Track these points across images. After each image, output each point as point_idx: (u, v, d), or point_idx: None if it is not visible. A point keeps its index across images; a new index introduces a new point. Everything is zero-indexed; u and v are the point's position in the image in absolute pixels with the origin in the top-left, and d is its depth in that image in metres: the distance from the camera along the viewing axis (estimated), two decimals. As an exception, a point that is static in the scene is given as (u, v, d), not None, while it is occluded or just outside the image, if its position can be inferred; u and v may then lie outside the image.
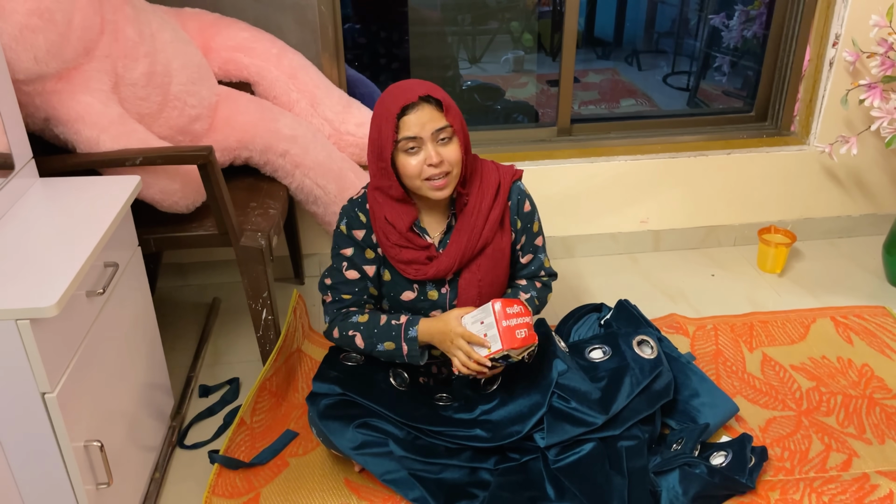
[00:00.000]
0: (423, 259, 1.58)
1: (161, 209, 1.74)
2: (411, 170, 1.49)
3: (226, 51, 2.07)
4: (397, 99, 1.47)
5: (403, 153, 1.49)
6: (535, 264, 1.72)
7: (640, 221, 2.54)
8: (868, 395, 1.88)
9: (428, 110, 1.47)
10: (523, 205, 1.66)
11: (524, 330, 1.49)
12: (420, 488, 1.52)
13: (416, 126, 1.46)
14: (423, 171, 1.49)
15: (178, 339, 2.14)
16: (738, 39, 3.08)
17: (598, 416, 1.56)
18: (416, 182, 1.51)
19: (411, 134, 1.46)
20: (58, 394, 1.20)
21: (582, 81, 3.56)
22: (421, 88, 1.48)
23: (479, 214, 1.59)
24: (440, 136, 1.48)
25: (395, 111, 1.46)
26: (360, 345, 1.59)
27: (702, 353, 2.04)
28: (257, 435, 1.76)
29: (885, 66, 2.19)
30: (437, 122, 1.47)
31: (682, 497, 1.53)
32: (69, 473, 1.27)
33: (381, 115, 1.49)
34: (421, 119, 1.46)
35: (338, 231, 1.62)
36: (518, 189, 1.66)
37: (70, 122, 1.58)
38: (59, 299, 1.14)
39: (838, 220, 2.63)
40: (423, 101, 1.47)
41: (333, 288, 1.63)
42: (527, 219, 1.67)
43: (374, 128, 1.51)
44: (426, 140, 1.47)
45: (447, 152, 1.49)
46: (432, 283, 1.62)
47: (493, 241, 1.62)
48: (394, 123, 1.46)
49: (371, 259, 1.61)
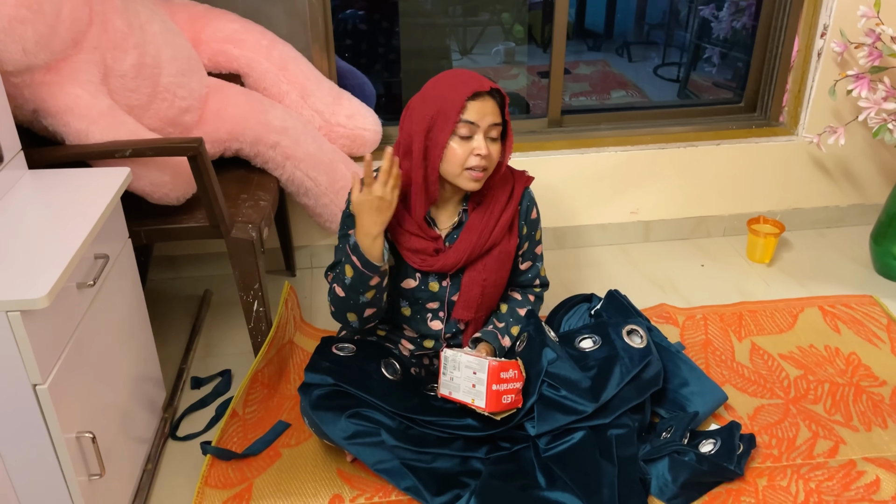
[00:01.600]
0: (430, 250, 1.60)
1: (151, 201, 1.73)
2: (458, 156, 1.51)
3: (215, 42, 2.06)
4: (468, 83, 1.49)
5: (456, 138, 1.50)
6: (532, 272, 1.76)
7: (631, 212, 2.55)
8: (855, 384, 1.90)
9: (492, 104, 1.51)
10: (531, 212, 1.70)
11: (511, 396, 1.57)
12: (412, 477, 1.53)
13: (478, 114, 1.49)
14: (468, 160, 1.51)
15: (169, 332, 2.14)
16: (727, 31, 3.09)
17: (588, 405, 1.57)
18: (458, 170, 1.52)
19: (473, 119, 1.49)
20: (49, 385, 1.20)
21: (573, 73, 3.56)
22: (491, 83, 1.51)
23: (491, 215, 1.62)
24: (492, 132, 1.52)
25: (467, 94, 1.48)
26: (341, 293, 1.58)
27: (691, 342, 2.05)
28: (249, 426, 1.77)
29: (872, 56, 2.20)
30: (496, 116, 1.51)
31: (672, 484, 1.55)
32: (61, 465, 1.27)
33: (446, 96, 1.49)
34: (486, 110, 1.50)
35: (347, 213, 1.62)
36: (529, 195, 1.70)
37: (59, 114, 1.57)
38: (49, 291, 1.14)
39: (826, 211, 2.65)
40: (490, 95, 1.51)
41: (334, 266, 1.64)
42: (532, 226, 1.71)
43: (431, 105, 1.50)
44: (481, 130, 1.50)
45: (493, 149, 1.53)
46: (435, 275, 1.63)
47: (501, 243, 1.64)
48: (461, 105, 1.48)
49: None
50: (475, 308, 1.66)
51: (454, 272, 1.63)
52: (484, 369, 1.53)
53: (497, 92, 1.52)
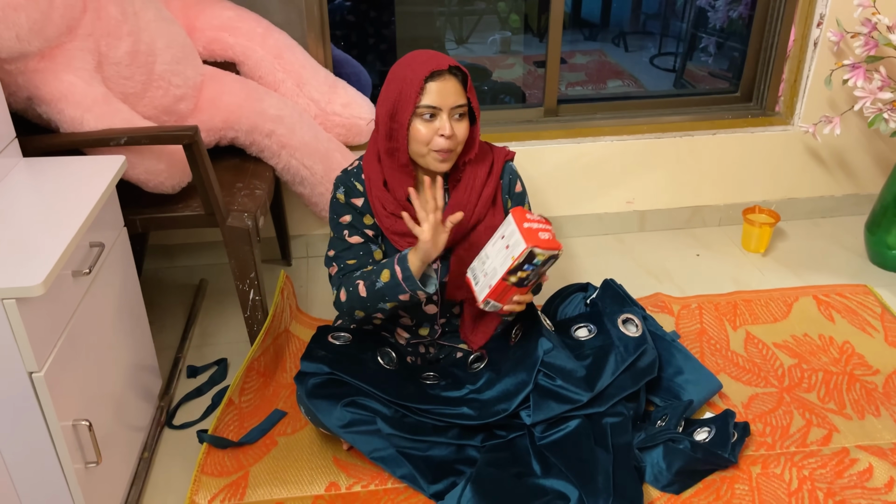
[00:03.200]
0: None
1: (147, 189, 1.73)
2: (422, 136, 1.50)
3: (210, 30, 2.05)
4: (427, 63, 1.48)
5: (419, 118, 1.50)
6: None
7: (626, 202, 2.56)
8: (848, 372, 1.91)
9: (453, 83, 1.50)
10: (514, 185, 1.69)
11: (547, 234, 1.44)
12: (408, 465, 1.54)
13: (440, 96, 1.48)
14: (433, 141, 1.50)
15: (165, 320, 2.14)
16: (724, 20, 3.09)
17: (584, 394, 1.57)
18: (423, 149, 1.52)
19: (433, 103, 1.48)
20: (45, 373, 1.20)
21: (569, 63, 3.56)
22: (450, 60, 1.50)
23: (472, 191, 1.61)
24: (457, 111, 1.51)
25: (424, 74, 1.47)
26: (363, 292, 1.56)
27: (686, 331, 2.06)
28: (245, 415, 1.77)
29: (868, 46, 2.20)
30: (459, 97, 1.50)
31: (666, 472, 1.56)
32: (58, 452, 1.27)
33: (406, 77, 1.49)
34: (445, 89, 1.48)
35: (335, 200, 1.62)
36: (510, 169, 1.68)
37: (53, 102, 1.56)
38: (44, 278, 1.14)
39: (821, 201, 2.66)
40: (451, 73, 1.49)
41: (337, 258, 1.63)
42: (518, 200, 1.70)
43: (392, 88, 1.51)
44: (444, 111, 1.49)
45: (459, 128, 1.52)
46: None
47: (486, 219, 1.63)
48: (419, 86, 1.47)
49: (370, 224, 1.62)
50: (466, 287, 1.65)
51: (443, 254, 1.63)
52: (509, 222, 1.45)
53: (458, 70, 1.51)
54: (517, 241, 1.41)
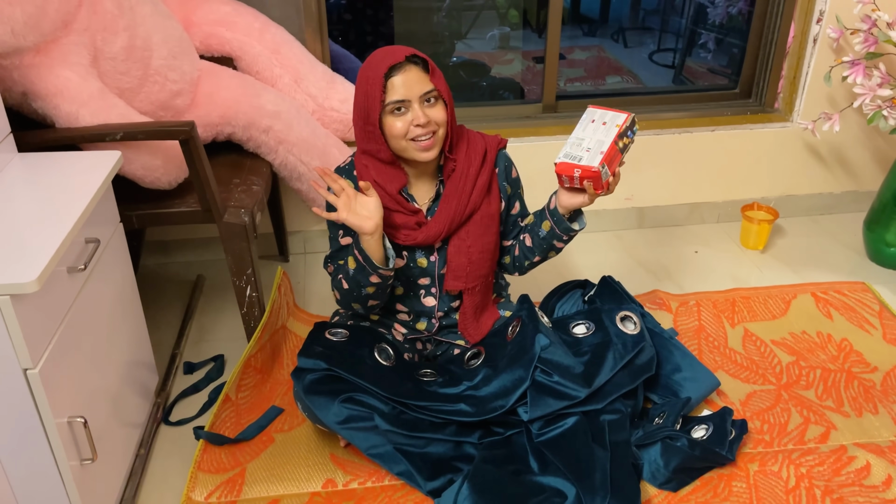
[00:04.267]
0: (412, 224, 1.60)
1: (143, 185, 1.72)
2: (397, 131, 1.50)
3: (207, 25, 2.04)
4: (384, 59, 1.47)
5: (390, 115, 1.50)
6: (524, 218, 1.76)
7: (625, 198, 2.55)
8: (846, 370, 1.90)
9: (415, 72, 1.48)
10: (511, 171, 1.69)
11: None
12: (405, 462, 1.53)
13: (404, 88, 1.47)
14: (409, 132, 1.50)
15: (162, 317, 2.13)
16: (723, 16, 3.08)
17: (581, 391, 1.57)
18: (402, 143, 1.51)
19: (398, 97, 1.47)
20: (40, 370, 1.20)
21: (568, 58, 3.55)
22: (407, 50, 1.49)
23: (466, 180, 1.61)
24: (427, 97, 1.50)
25: (382, 71, 1.46)
26: (345, 285, 1.59)
27: (684, 328, 2.06)
28: (242, 411, 1.77)
29: (868, 42, 2.20)
30: (424, 84, 1.49)
31: (664, 469, 1.56)
32: (53, 449, 1.27)
33: (368, 77, 1.49)
34: (408, 80, 1.47)
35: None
36: (504, 156, 1.69)
37: (48, 97, 1.55)
38: (39, 275, 1.13)
39: (820, 197, 2.65)
40: (410, 63, 1.48)
41: (332, 257, 1.65)
42: (516, 185, 1.71)
43: (359, 91, 1.51)
44: (413, 101, 1.48)
45: (433, 113, 1.50)
46: (421, 251, 1.63)
47: (482, 207, 1.63)
48: (381, 84, 1.46)
49: None
50: (465, 277, 1.66)
51: (440, 245, 1.63)
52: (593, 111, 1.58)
53: (417, 57, 1.49)
54: (615, 115, 1.55)
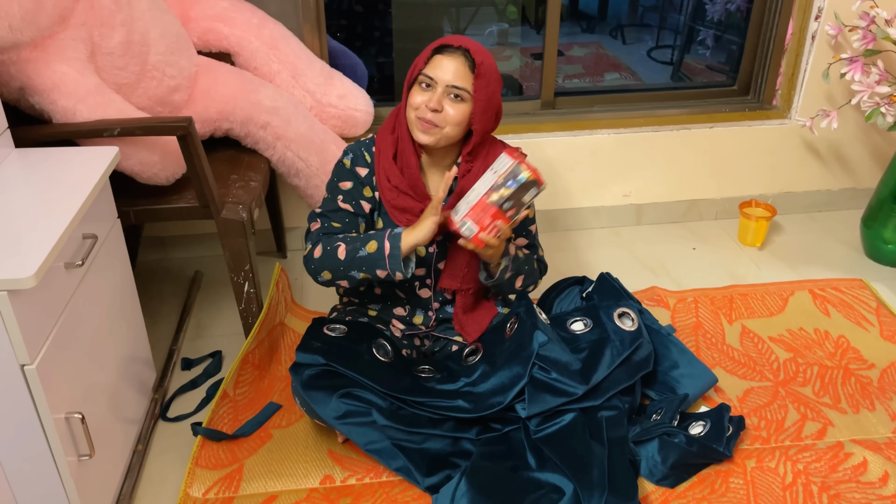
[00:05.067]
0: (417, 211, 1.59)
1: (140, 181, 1.72)
2: (413, 100, 1.53)
3: (205, 20, 2.04)
4: (445, 38, 1.53)
5: (417, 86, 1.53)
6: (531, 251, 1.75)
7: (623, 195, 2.55)
8: (843, 366, 1.91)
9: (459, 62, 1.50)
10: None
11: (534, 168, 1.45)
12: (403, 458, 1.54)
13: (440, 69, 1.49)
14: (419, 109, 1.51)
15: (159, 313, 2.13)
16: (721, 13, 3.08)
17: (579, 387, 1.57)
18: (412, 115, 1.54)
19: (430, 73, 1.50)
20: (37, 366, 1.19)
21: (566, 55, 3.55)
22: (470, 43, 1.52)
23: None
24: (454, 91, 1.50)
25: (435, 45, 1.51)
26: (342, 255, 1.55)
27: (682, 325, 2.06)
28: (240, 407, 1.77)
29: (866, 39, 2.20)
30: (458, 78, 1.50)
31: (661, 465, 1.56)
32: (51, 445, 1.26)
33: (424, 51, 1.53)
34: (447, 66, 1.49)
35: (340, 164, 1.63)
36: None
37: (46, 92, 1.55)
38: (36, 270, 1.13)
39: (818, 195, 2.65)
40: (461, 53, 1.50)
41: (323, 216, 1.63)
42: None
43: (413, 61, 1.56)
44: (439, 86, 1.50)
45: (450, 107, 1.51)
46: None
47: None
48: (427, 55, 1.51)
49: (368, 198, 1.62)
50: (461, 278, 1.66)
51: (441, 238, 1.63)
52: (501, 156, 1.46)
53: (468, 53, 1.50)
54: (504, 161, 1.44)
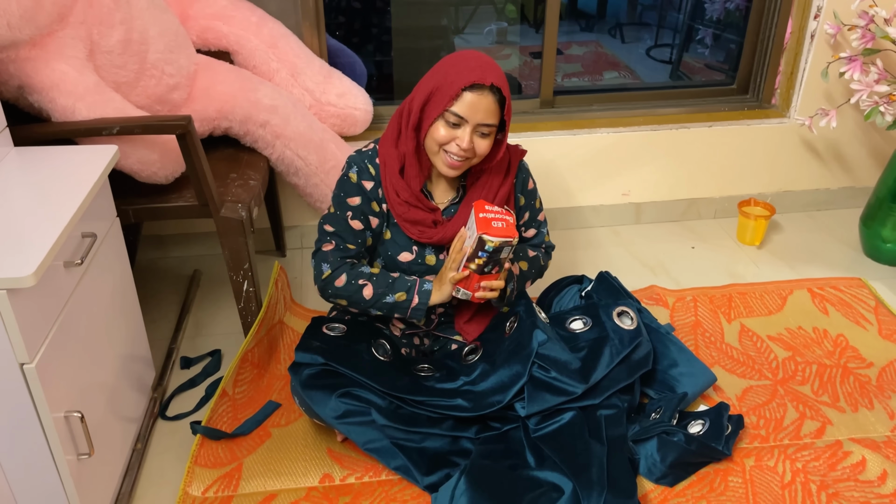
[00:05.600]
0: (429, 222, 1.60)
1: (140, 180, 1.72)
2: (440, 137, 1.50)
3: (204, 19, 2.03)
4: (473, 72, 1.45)
5: (443, 120, 1.49)
6: (538, 239, 1.79)
7: (622, 194, 2.55)
8: (842, 365, 1.91)
9: (489, 101, 1.47)
10: (527, 183, 1.72)
11: (501, 223, 1.49)
12: (402, 457, 1.54)
13: (471, 109, 1.46)
14: (449, 145, 1.50)
15: (158, 312, 2.13)
16: (721, 12, 3.08)
17: (578, 386, 1.57)
18: (436, 148, 1.52)
19: (462, 113, 1.47)
20: (37, 364, 1.19)
21: (565, 53, 3.54)
22: (496, 75, 1.47)
23: (489, 190, 1.62)
24: (483, 129, 1.50)
25: (465, 83, 1.45)
26: (367, 295, 1.58)
27: (681, 324, 2.06)
28: (239, 406, 1.77)
29: (865, 38, 2.20)
30: (489, 116, 1.48)
31: (660, 464, 1.56)
32: (50, 444, 1.26)
33: (448, 76, 1.47)
34: (479, 106, 1.46)
35: (345, 179, 1.61)
36: (524, 167, 1.71)
37: (45, 90, 1.55)
38: (36, 269, 1.13)
39: (817, 193, 2.66)
40: (492, 91, 1.46)
41: (337, 236, 1.62)
42: (530, 196, 1.73)
43: (433, 81, 1.49)
44: (469, 124, 1.48)
45: (479, 144, 1.51)
46: (431, 248, 1.64)
47: None
48: (456, 93, 1.45)
49: (376, 212, 1.62)
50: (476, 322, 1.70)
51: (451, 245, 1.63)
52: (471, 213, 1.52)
53: (498, 90, 1.47)
54: (472, 231, 1.49)
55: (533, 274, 1.74)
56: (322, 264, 1.62)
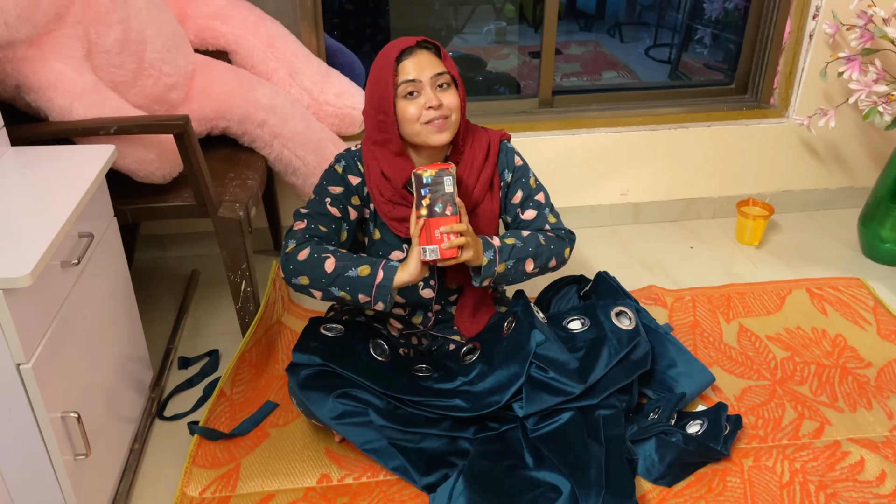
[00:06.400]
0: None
1: (137, 179, 1.71)
2: (410, 114, 1.50)
3: (202, 18, 2.03)
4: (396, 45, 1.51)
5: (403, 99, 1.50)
6: (541, 221, 1.66)
7: (621, 194, 2.55)
8: (841, 365, 1.91)
9: (426, 55, 1.51)
10: (512, 159, 1.67)
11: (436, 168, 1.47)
12: (400, 457, 1.53)
13: (415, 70, 1.49)
14: (422, 115, 1.50)
15: (156, 312, 2.13)
16: (719, 12, 3.08)
17: (576, 386, 1.57)
18: (416, 126, 1.51)
19: (410, 77, 1.49)
20: (33, 364, 1.19)
21: (564, 53, 3.54)
22: (418, 38, 1.52)
23: (470, 173, 1.61)
24: (439, 81, 1.51)
25: (394, 56, 1.49)
26: (329, 268, 1.50)
27: (679, 324, 2.06)
28: (237, 406, 1.76)
29: (864, 38, 2.20)
30: (436, 67, 1.51)
31: (659, 464, 1.56)
32: (46, 444, 1.26)
33: (380, 65, 1.51)
34: (420, 63, 1.49)
35: (331, 170, 1.61)
36: (506, 147, 1.68)
37: (42, 90, 1.54)
38: (32, 269, 1.12)
39: (815, 193, 2.65)
40: (421, 47, 1.51)
41: (310, 216, 1.57)
42: (520, 172, 1.67)
43: (371, 80, 1.53)
44: (425, 84, 1.49)
45: (446, 97, 1.51)
46: None
47: (484, 202, 1.64)
48: (393, 68, 1.49)
49: (356, 205, 1.61)
50: (467, 270, 1.65)
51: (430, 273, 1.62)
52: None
53: (428, 42, 1.52)
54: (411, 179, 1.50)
55: (531, 252, 1.58)
56: (289, 241, 1.55)
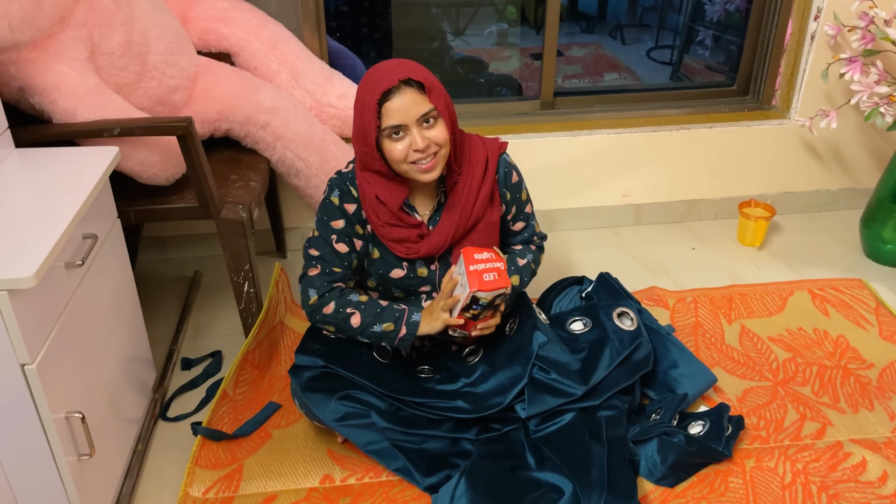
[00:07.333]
0: (414, 237, 1.57)
1: (140, 181, 1.72)
2: (397, 155, 1.46)
3: (205, 20, 2.04)
4: (378, 84, 1.42)
5: (388, 139, 1.46)
6: (528, 231, 1.74)
7: (622, 195, 2.55)
8: (843, 366, 1.91)
9: (410, 94, 1.42)
10: (510, 176, 1.67)
11: (493, 274, 1.48)
12: (402, 458, 1.54)
13: (400, 113, 1.42)
14: (409, 156, 1.46)
15: (159, 313, 2.13)
16: (721, 13, 3.08)
17: (578, 387, 1.57)
18: (403, 166, 1.48)
19: (395, 122, 1.43)
20: (38, 365, 1.20)
21: (565, 55, 3.55)
22: (401, 70, 1.43)
23: (469, 191, 1.58)
24: (425, 119, 1.45)
25: (376, 97, 1.41)
26: (355, 324, 1.55)
27: (681, 325, 2.06)
28: (240, 407, 1.77)
29: (865, 39, 2.20)
30: (421, 106, 1.43)
31: (661, 465, 1.56)
32: (50, 444, 1.27)
33: (363, 100, 1.45)
34: (404, 104, 1.42)
35: (328, 202, 1.57)
36: (504, 162, 1.66)
37: (46, 92, 1.55)
38: (36, 270, 1.13)
39: (817, 194, 2.66)
40: (405, 85, 1.42)
41: (322, 259, 1.57)
42: (515, 189, 1.68)
43: (357, 113, 1.47)
44: (411, 126, 1.44)
45: (433, 134, 1.46)
46: (422, 260, 1.62)
47: (485, 217, 1.61)
48: (375, 110, 1.42)
49: (360, 234, 1.59)
50: None
51: (442, 254, 1.62)
52: (460, 263, 1.50)
53: (411, 82, 1.42)
54: (465, 284, 1.48)
55: (526, 281, 1.71)
56: (309, 290, 1.57)
